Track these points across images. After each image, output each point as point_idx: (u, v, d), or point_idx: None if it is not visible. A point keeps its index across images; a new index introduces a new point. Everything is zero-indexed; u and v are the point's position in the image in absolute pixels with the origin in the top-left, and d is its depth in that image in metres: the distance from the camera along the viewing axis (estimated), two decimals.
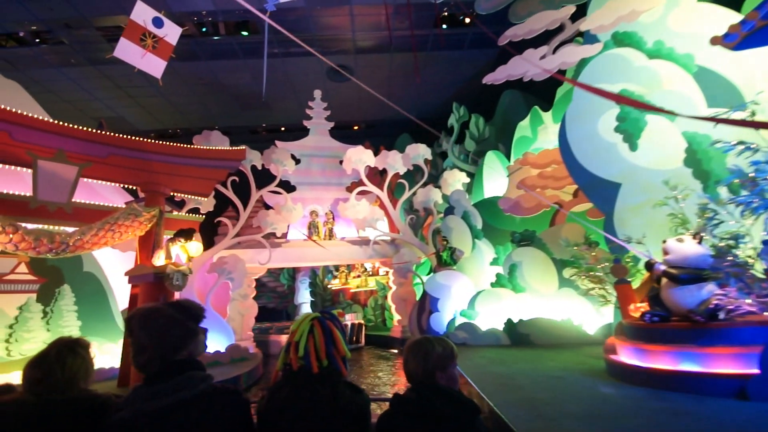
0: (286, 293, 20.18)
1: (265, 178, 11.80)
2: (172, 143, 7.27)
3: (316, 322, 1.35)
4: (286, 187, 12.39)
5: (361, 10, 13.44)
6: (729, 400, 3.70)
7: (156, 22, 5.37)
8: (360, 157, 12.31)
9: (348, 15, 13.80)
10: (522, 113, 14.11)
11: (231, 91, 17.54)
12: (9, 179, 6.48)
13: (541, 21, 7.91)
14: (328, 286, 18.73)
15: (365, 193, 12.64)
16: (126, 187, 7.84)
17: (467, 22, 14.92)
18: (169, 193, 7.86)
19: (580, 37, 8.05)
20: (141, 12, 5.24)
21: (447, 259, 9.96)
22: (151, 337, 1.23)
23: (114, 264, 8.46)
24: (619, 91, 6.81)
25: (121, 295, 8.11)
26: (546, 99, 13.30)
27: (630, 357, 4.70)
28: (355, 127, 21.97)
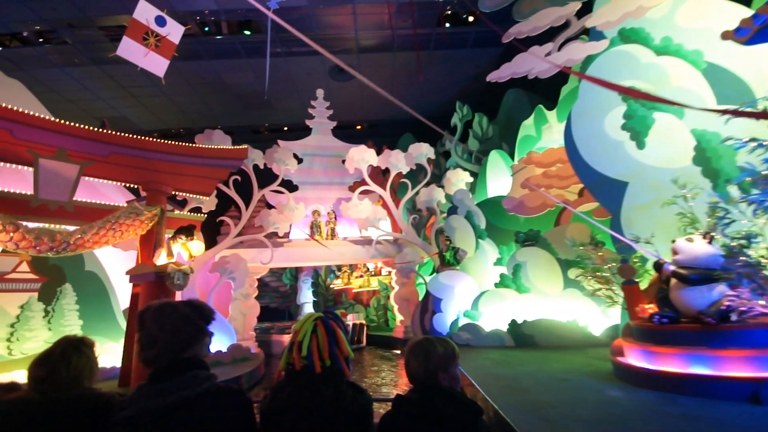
0: (289, 293, 20.19)
1: (267, 178, 11.77)
2: (173, 142, 7.24)
3: (320, 322, 1.36)
4: (288, 186, 12.35)
5: (363, 9, 13.39)
6: (741, 405, 3.61)
7: (159, 21, 5.35)
8: (362, 156, 12.25)
9: (351, 14, 13.74)
10: (526, 112, 14.00)
11: (233, 91, 17.54)
12: (10, 177, 6.47)
13: (545, 18, 7.81)
14: (331, 286, 18.68)
15: (368, 193, 12.57)
16: (128, 185, 7.81)
17: (470, 20, 14.84)
18: (171, 192, 7.82)
19: (585, 35, 7.94)
20: (144, 11, 5.22)
21: (450, 259, 9.87)
22: (163, 331, 1.24)
23: (115, 263, 8.45)
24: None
25: (122, 294, 8.09)
26: (550, 98, 13.18)
27: (638, 359, 4.60)
28: (357, 127, 21.93)
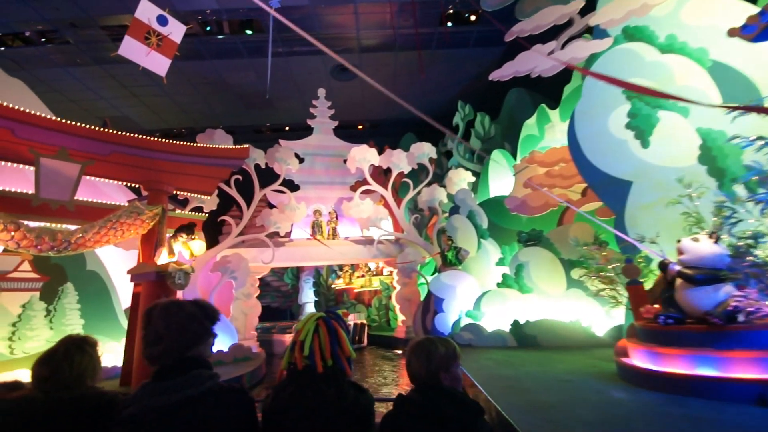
0: (290, 293, 20.20)
1: (268, 177, 11.76)
2: (175, 141, 7.22)
3: (321, 322, 1.36)
4: (289, 186, 12.34)
5: (365, 9, 13.36)
6: (748, 407, 3.55)
7: (160, 20, 5.34)
8: (364, 155, 12.22)
9: (352, 13, 13.71)
10: (528, 111, 13.93)
11: (235, 91, 17.54)
12: (11, 177, 6.46)
13: (548, 16, 7.75)
14: (332, 286, 18.67)
15: (369, 192, 12.54)
16: (129, 185, 7.81)
17: (472, 19, 14.78)
18: (172, 192, 7.81)
19: (588, 34, 7.88)
20: (145, 10, 5.21)
21: (452, 258, 9.82)
22: (169, 328, 1.24)
23: (117, 263, 8.45)
24: None
25: (124, 293, 8.08)
26: (553, 97, 13.11)
27: (643, 360, 4.55)
28: (359, 127, 21.90)
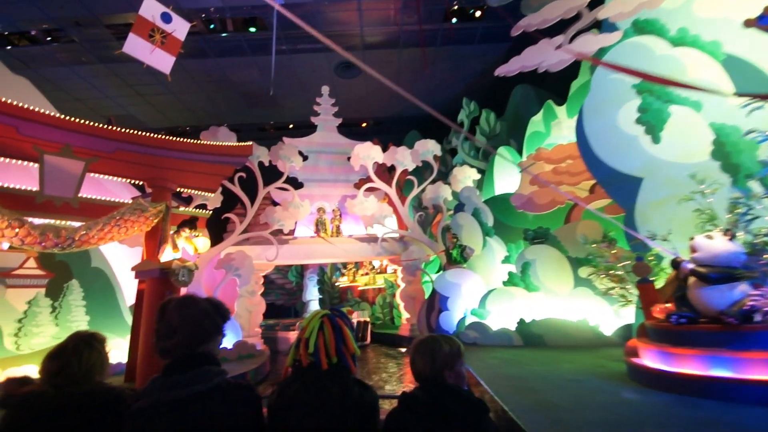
0: (295, 290, 20.19)
1: (272, 175, 11.71)
2: (178, 138, 7.19)
3: (326, 320, 1.36)
4: (293, 183, 12.29)
5: (368, 5, 13.25)
6: (764, 409, 3.44)
7: (164, 17, 5.30)
8: (368, 153, 12.13)
9: (356, 10, 13.61)
10: (534, 108, 13.77)
11: (239, 89, 17.52)
12: (16, 174, 6.47)
13: (556, 10, 7.60)
14: (336, 284, 18.64)
15: (373, 190, 12.46)
16: (133, 182, 7.80)
17: (477, 15, 14.61)
18: (176, 189, 7.78)
19: (596, 29, 7.72)
20: (149, 8, 5.17)
21: (457, 256, 9.73)
22: (184, 322, 1.27)
23: (122, 260, 8.45)
24: (640, 82, 6.50)
25: (128, 290, 8.09)
26: (559, 93, 12.93)
27: (654, 360, 4.44)
28: (363, 124, 21.81)
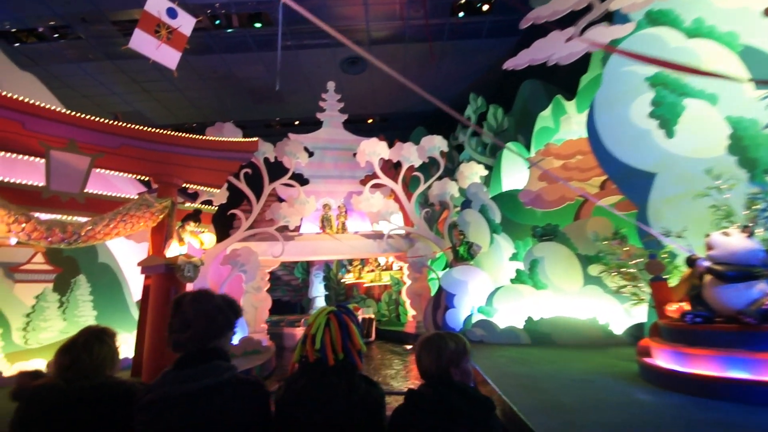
0: (301, 287, 20.25)
1: (278, 171, 11.68)
2: (183, 134, 7.17)
3: (333, 316, 1.37)
4: (299, 180, 12.25)
5: None
6: None
7: (170, 12, 5.25)
8: (374, 149, 12.04)
9: (361, 4, 13.47)
10: (543, 103, 13.55)
11: (245, 85, 17.50)
12: (22, 169, 6.49)
13: (566, 1, 7.41)
14: (342, 281, 18.63)
15: (379, 186, 12.38)
16: (139, 178, 7.81)
17: (485, 9, 14.39)
18: (182, 185, 7.78)
19: (608, 21, 7.52)
20: (155, 3, 5.12)
21: (464, 253, 9.61)
22: (199, 316, 1.29)
23: (128, 255, 8.48)
24: (653, 75, 6.33)
25: (135, 286, 8.12)
26: (568, 88, 12.70)
27: (667, 361, 4.32)
28: (369, 121, 21.69)
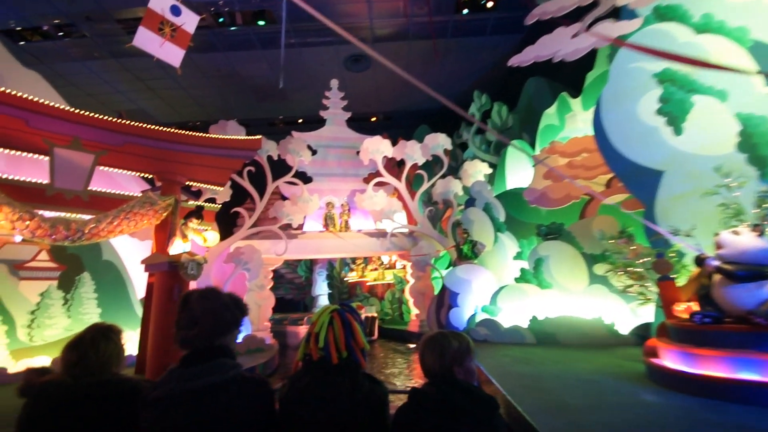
0: (304, 285, 20.29)
1: (281, 169, 11.67)
2: (187, 132, 7.16)
3: (336, 315, 1.38)
4: (302, 178, 12.23)
5: None
6: None
7: (174, 10, 5.23)
8: (377, 147, 11.99)
9: (365, 2, 13.42)
10: (548, 101, 13.41)
11: (248, 83, 17.50)
12: (27, 167, 6.51)
13: None
14: (345, 279, 18.63)
15: (382, 185, 12.33)
16: (143, 176, 7.81)
17: (489, 6, 14.28)
18: (185, 182, 7.77)
19: (615, 16, 7.41)
20: (159, 1, 5.11)
21: (468, 252, 9.56)
22: (206, 313, 1.30)
23: (132, 253, 8.51)
24: (661, 71, 6.23)
25: (139, 283, 8.15)
26: (574, 85, 12.57)
27: (675, 361, 4.25)
28: (372, 119, 21.63)
